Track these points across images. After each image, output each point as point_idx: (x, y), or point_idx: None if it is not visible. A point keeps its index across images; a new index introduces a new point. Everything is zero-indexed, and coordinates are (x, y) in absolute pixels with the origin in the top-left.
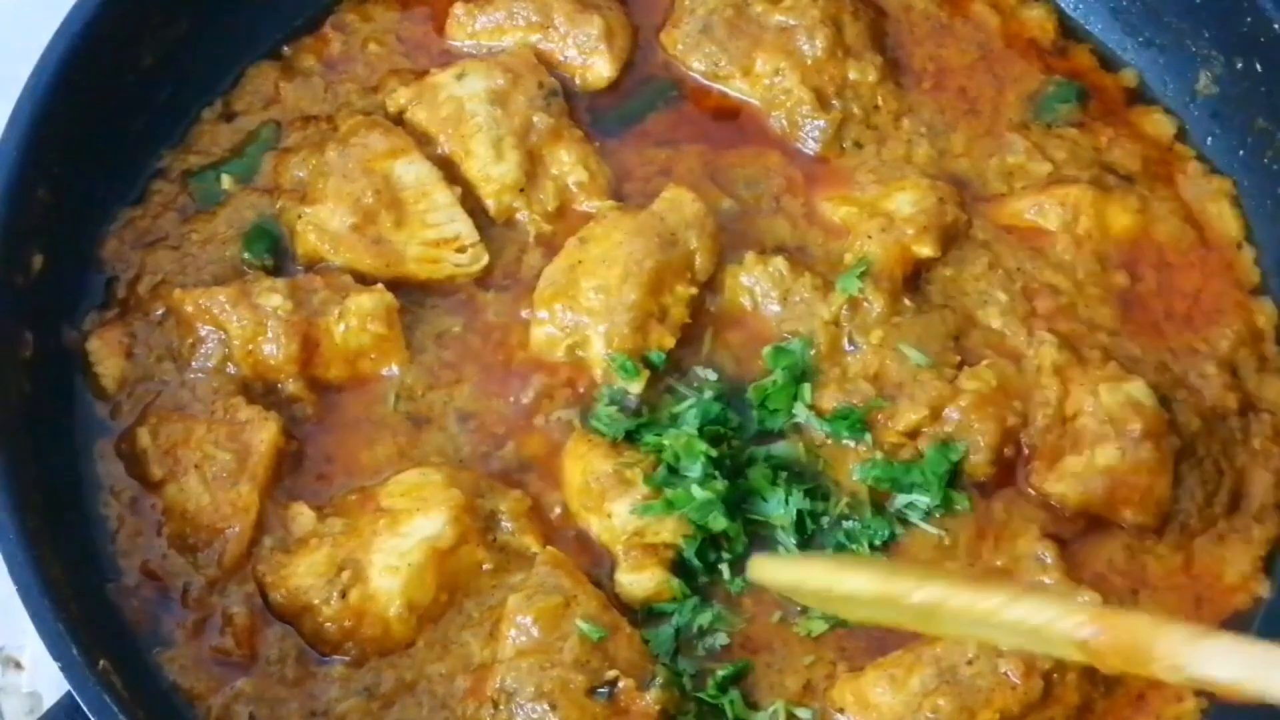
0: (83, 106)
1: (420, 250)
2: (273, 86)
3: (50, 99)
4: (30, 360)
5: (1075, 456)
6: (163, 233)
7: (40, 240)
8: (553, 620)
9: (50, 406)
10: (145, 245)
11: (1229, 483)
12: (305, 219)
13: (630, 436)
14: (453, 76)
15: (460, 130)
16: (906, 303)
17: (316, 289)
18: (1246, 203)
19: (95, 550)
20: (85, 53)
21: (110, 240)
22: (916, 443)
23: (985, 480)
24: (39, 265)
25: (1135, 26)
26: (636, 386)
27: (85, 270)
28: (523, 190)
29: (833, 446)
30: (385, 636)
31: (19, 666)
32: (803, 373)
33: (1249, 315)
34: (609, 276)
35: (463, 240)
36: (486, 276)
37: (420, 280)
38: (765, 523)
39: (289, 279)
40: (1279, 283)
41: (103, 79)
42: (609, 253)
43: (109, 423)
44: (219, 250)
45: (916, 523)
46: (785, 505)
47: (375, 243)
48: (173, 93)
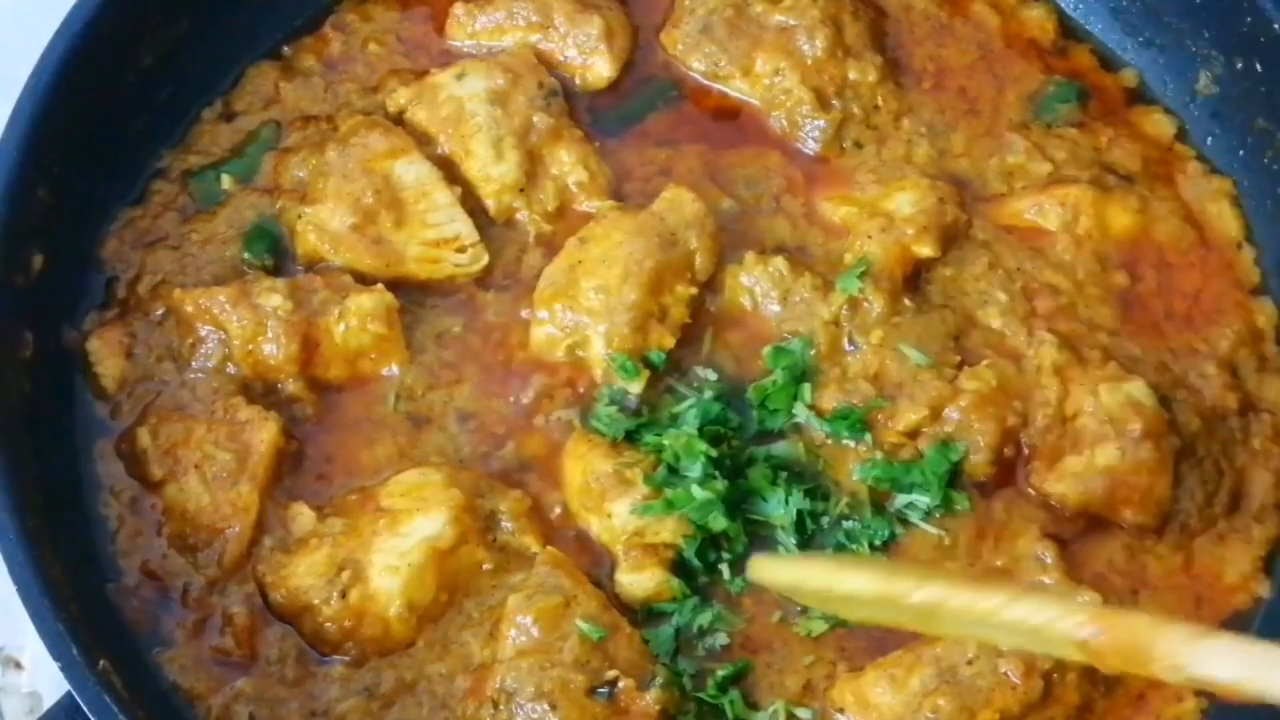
0: (83, 106)
1: (420, 250)
2: (273, 86)
3: (50, 99)
4: (30, 360)
5: (1075, 456)
6: (163, 233)
7: (40, 240)
8: (553, 620)
9: (50, 406)
10: (145, 245)
11: (1229, 483)
12: (305, 219)
13: (630, 436)
14: (453, 76)
15: (460, 130)
16: (906, 303)
17: (316, 289)
18: (1246, 203)
19: (95, 550)
20: (85, 53)
21: (110, 240)
22: (916, 443)
23: (985, 480)
24: (39, 265)
25: (1135, 26)
26: (636, 386)
27: (85, 270)
28: (523, 190)
29: (833, 446)
30: (385, 636)
31: (19, 666)
32: (803, 373)
33: (1249, 315)
34: (609, 276)
35: (463, 240)
36: (486, 276)
37: (420, 280)
38: (765, 523)
39: (289, 279)
40: (1279, 283)
41: (103, 79)
42: (609, 253)
43: (109, 423)
44: (219, 250)
45: (916, 523)
46: (785, 505)
47: (375, 243)
48: (173, 93)
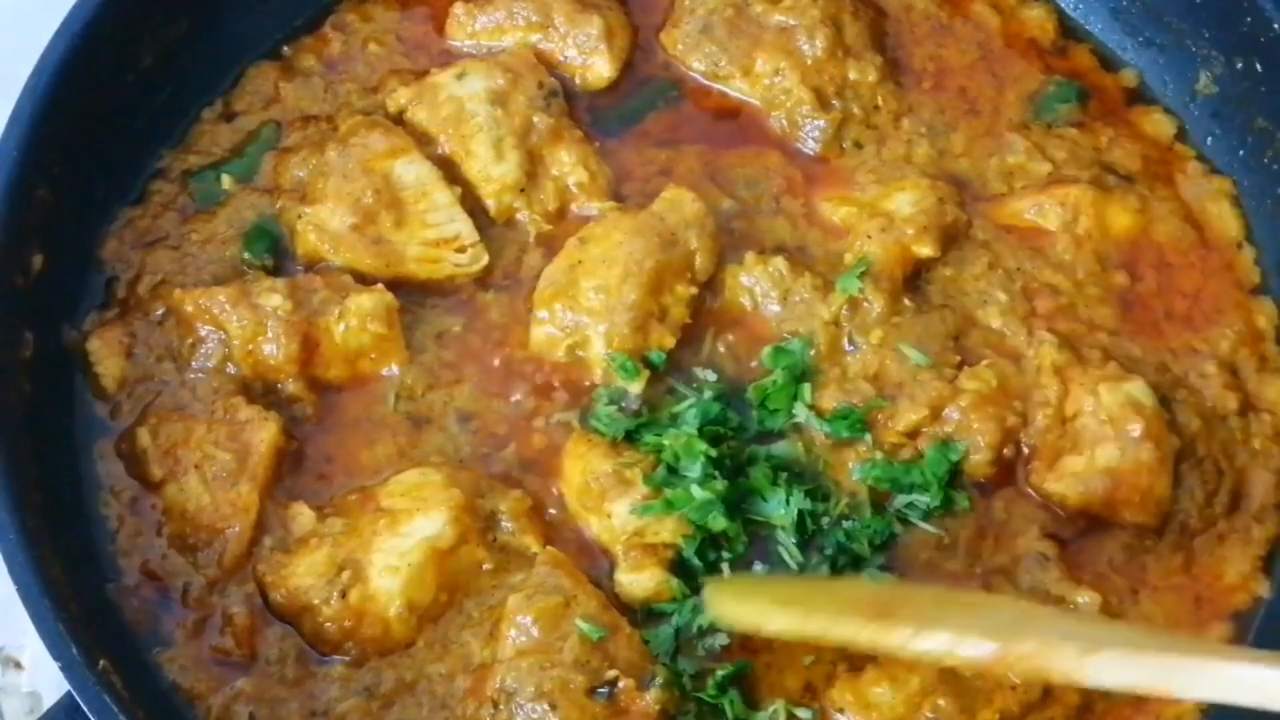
0: (83, 106)
1: (420, 250)
2: (273, 86)
3: (50, 99)
4: (30, 360)
5: (1075, 456)
6: (163, 233)
7: (40, 240)
8: (553, 620)
9: (50, 406)
10: (145, 245)
11: (1229, 483)
12: (305, 219)
13: (630, 436)
14: (453, 76)
15: (460, 130)
16: (906, 303)
17: (316, 289)
18: (1246, 203)
19: (95, 550)
20: (85, 53)
21: (110, 240)
22: (916, 442)
23: (985, 480)
24: (39, 265)
25: (1135, 26)
26: (636, 386)
27: (85, 270)
28: (523, 190)
29: (833, 446)
30: (385, 636)
31: (19, 666)
32: (803, 373)
33: (1249, 315)
34: (609, 276)
35: (463, 240)
36: (486, 276)
37: (420, 280)
38: (765, 523)
39: (289, 279)
40: (1279, 283)
41: (103, 79)
42: (609, 253)
43: (109, 423)
44: (219, 250)
45: (916, 522)
46: (786, 505)
47: (375, 243)
48: (173, 93)
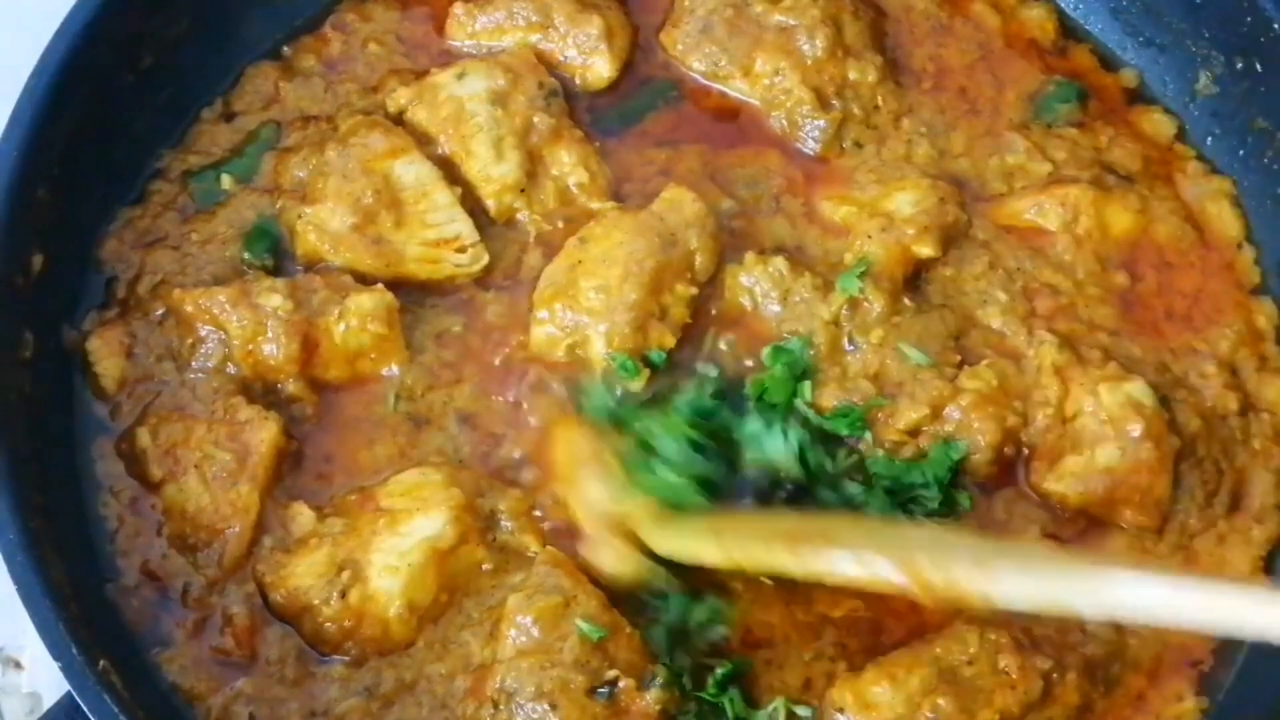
0: (83, 106)
1: (420, 250)
2: (273, 86)
3: (50, 99)
4: (30, 360)
5: (1075, 456)
6: (163, 233)
7: (40, 240)
8: (553, 620)
9: (50, 406)
10: (145, 245)
11: (1229, 483)
12: (305, 219)
13: (616, 419)
14: (453, 76)
15: (460, 130)
16: (906, 302)
17: (316, 289)
18: (1246, 202)
19: (95, 550)
20: (85, 53)
21: (110, 240)
22: (917, 441)
23: (985, 480)
24: (39, 265)
25: (1135, 26)
26: (637, 386)
27: (85, 270)
28: (523, 190)
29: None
30: (385, 636)
31: (19, 666)
32: (803, 371)
33: (1249, 315)
34: (609, 276)
35: (463, 240)
36: (486, 276)
37: (420, 280)
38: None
39: (289, 279)
40: (1279, 283)
41: (103, 79)
42: (609, 252)
43: (109, 423)
44: (219, 250)
45: (919, 521)
46: (785, 440)
47: (375, 243)
48: (173, 93)
